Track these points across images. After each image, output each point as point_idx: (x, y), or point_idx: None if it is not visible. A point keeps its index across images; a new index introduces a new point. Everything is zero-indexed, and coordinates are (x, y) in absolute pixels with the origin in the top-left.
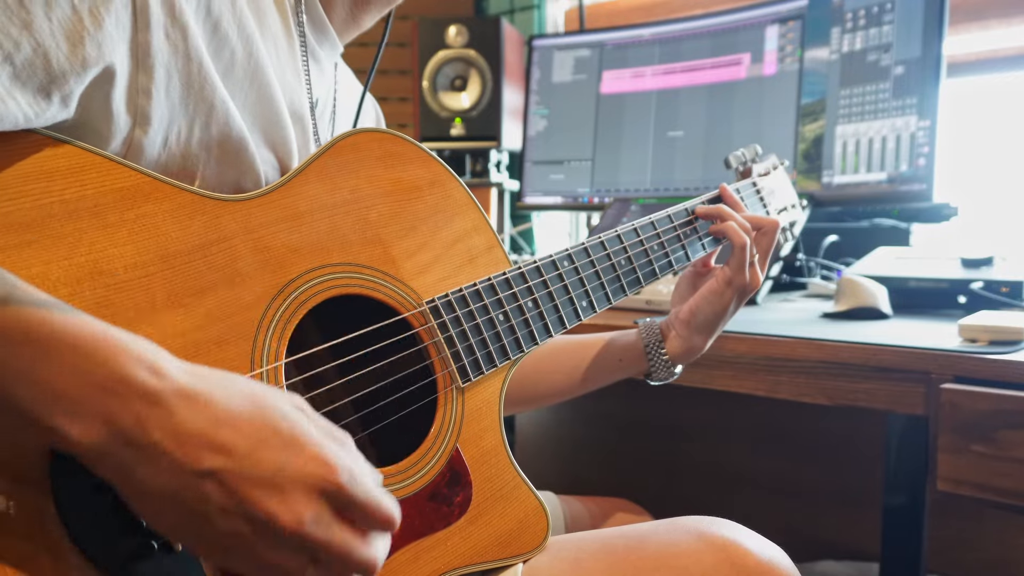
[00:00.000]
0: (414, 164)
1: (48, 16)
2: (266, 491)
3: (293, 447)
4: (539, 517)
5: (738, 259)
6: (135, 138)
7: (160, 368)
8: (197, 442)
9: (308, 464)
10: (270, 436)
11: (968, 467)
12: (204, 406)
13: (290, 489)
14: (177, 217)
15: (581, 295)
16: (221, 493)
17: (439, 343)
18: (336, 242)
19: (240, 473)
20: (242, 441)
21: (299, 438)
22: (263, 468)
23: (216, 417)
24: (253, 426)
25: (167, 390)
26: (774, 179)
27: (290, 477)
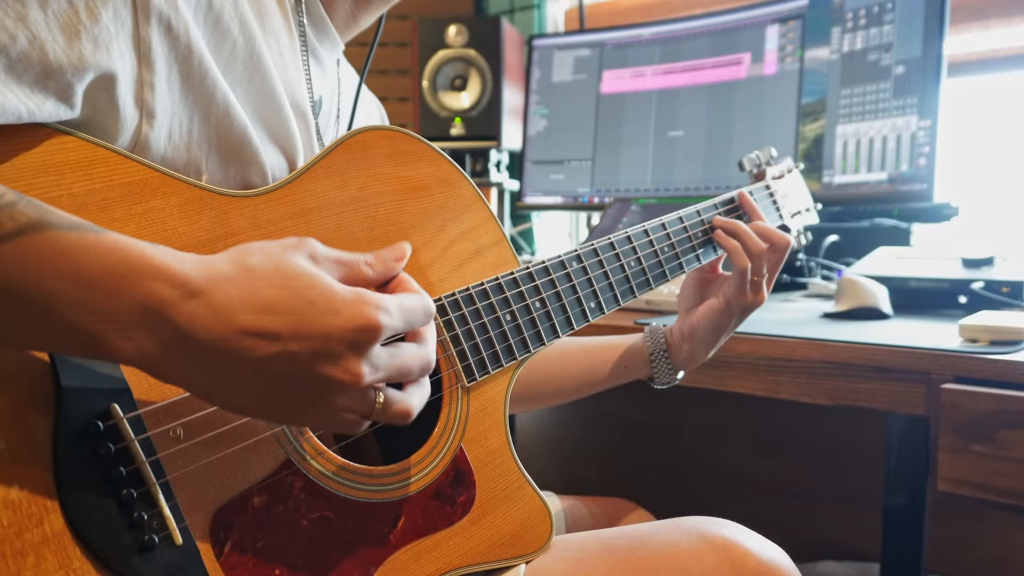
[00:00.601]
0: (423, 162)
1: (44, 9)
2: (320, 360)
3: (330, 313)
4: (543, 518)
5: (737, 282)
6: (143, 133)
7: (186, 278)
8: (246, 336)
9: (348, 323)
10: (307, 308)
11: (969, 467)
12: (238, 301)
13: (340, 351)
14: (185, 212)
15: (589, 296)
16: (282, 372)
17: (445, 341)
18: (344, 239)
19: (293, 352)
20: (284, 323)
21: (332, 302)
22: (311, 341)
23: (253, 307)
24: (288, 303)
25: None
26: (788, 183)
27: (337, 341)
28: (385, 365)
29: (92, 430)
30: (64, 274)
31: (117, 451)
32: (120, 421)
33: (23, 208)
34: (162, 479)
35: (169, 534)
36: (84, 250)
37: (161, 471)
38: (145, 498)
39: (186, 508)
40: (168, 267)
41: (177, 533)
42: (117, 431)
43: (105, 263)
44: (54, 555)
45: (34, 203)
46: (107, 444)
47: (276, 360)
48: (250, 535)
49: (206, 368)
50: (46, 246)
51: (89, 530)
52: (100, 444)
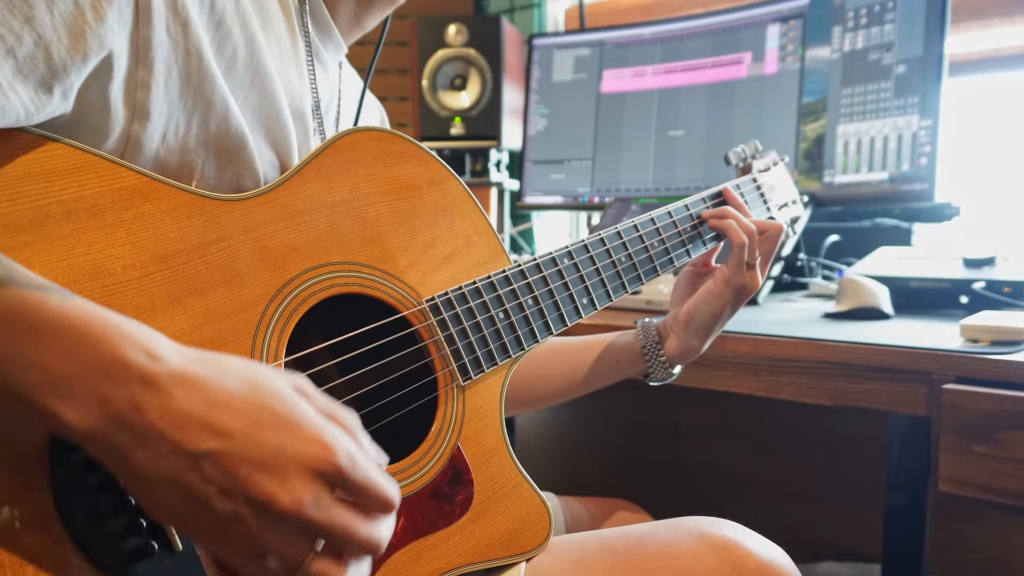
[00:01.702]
0: (413, 163)
1: (50, 9)
2: (265, 473)
3: (291, 428)
4: (541, 515)
5: (736, 258)
6: (133, 133)
7: (155, 351)
8: (194, 424)
9: (306, 446)
10: (267, 417)
11: (970, 468)
12: (201, 388)
13: (289, 470)
14: (175, 217)
15: (582, 292)
16: (220, 475)
17: (439, 341)
18: (335, 241)
19: (238, 455)
20: (239, 423)
21: (297, 420)
22: (262, 450)
23: (213, 399)
24: (251, 407)
25: (163, 372)
26: (774, 175)
27: (289, 458)
28: (330, 513)
29: None
30: (20, 332)
31: None
32: None
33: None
34: None
35: (168, 541)
36: (47, 310)
37: None
38: None
39: None
40: (137, 337)
41: (177, 539)
42: None
43: (68, 323)
44: (53, 563)
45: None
46: None
47: (215, 458)
48: None
49: (145, 452)
50: (5, 303)
51: (88, 537)
52: None
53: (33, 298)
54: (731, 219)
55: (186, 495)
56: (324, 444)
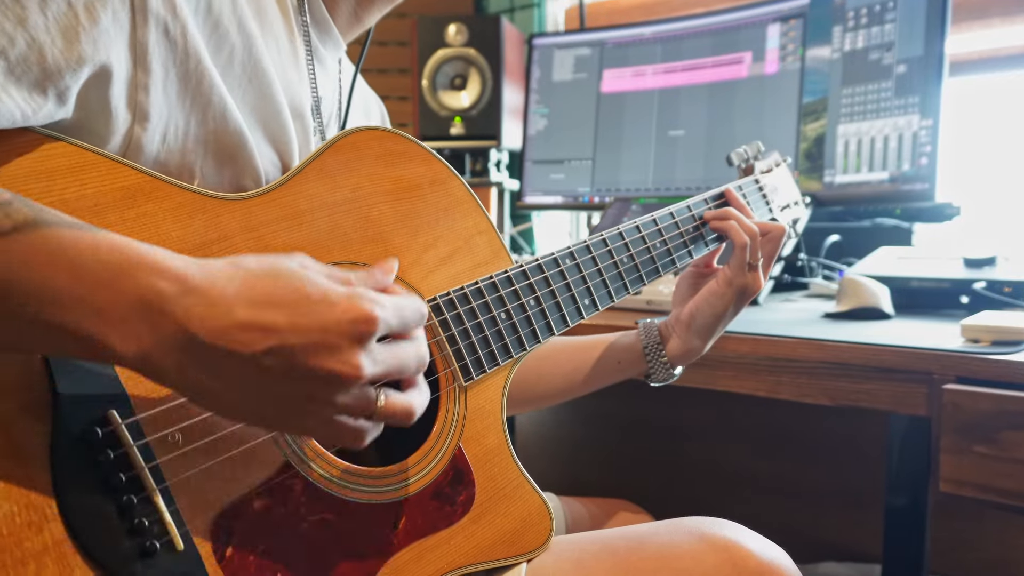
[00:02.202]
0: (415, 162)
1: (43, 11)
2: (320, 353)
3: (326, 304)
4: (542, 516)
5: (738, 258)
6: (135, 135)
7: (183, 274)
8: (241, 329)
9: (345, 315)
10: (303, 302)
11: (970, 468)
12: (235, 295)
13: (339, 343)
14: (177, 216)
15: (584, 292)
16: (281, 366)
17: (440, 341)
18: (337, 241)
19: (291, 344)
20: (282, 316)
21: (327, 295)
22: (310, 334)
23: (250, 301)
24: (284, 297)
25: (196, 291)
26: (776, 176)
27: (335, 333)
28: (383, 360)
29: (90, 437)
30: (60, 271)
31: (116, 457)
32: (118, 427)
33: (18, 206)
34: (162, 484)
35: (170, 540)
36: (80, 247)
37: (160, 477)
38: (145, 504)
39: (186, 513)
40: (165, 263)
41: (178, 538)
42: (115, 437)
43: (102, 259)
44: (55, 563)
45: (29, 203)
46: (105, 451)
47: (274, 353)
48: (251, 539)
49: (204, 365)
50: (42, 243)
51: (89, 537)
52: (98, 451)
53: (67, 236)
54: (733, 220)
55: (255, 392)
56: (357, 309)
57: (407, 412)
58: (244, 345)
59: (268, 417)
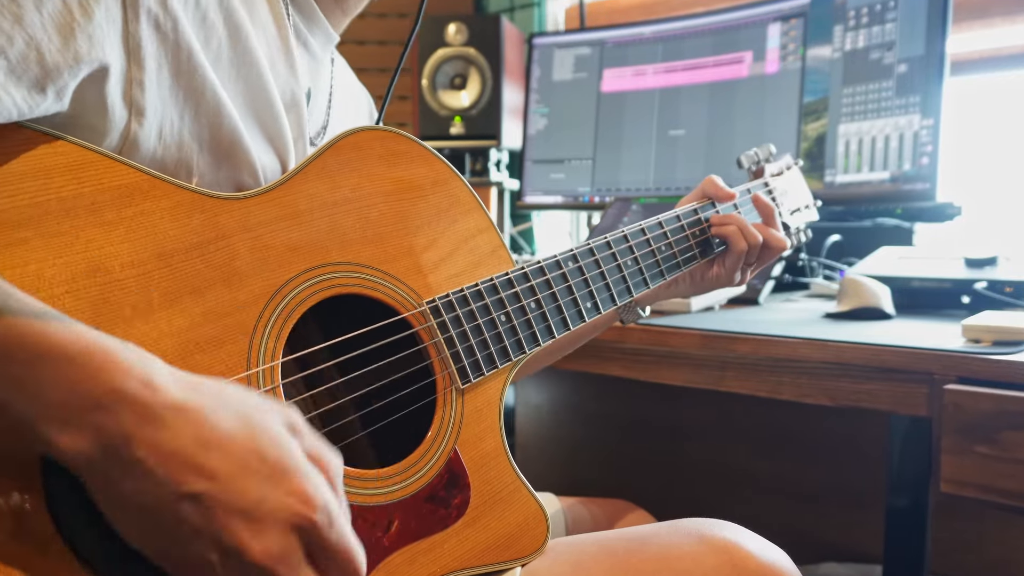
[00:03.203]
0: (417, 163)
1: (39, 10)
2: (242, 521)
3: (276, 477)
4: (538, 521)
5: (733, 262)
6: (131, 131)
7: (152, 380)
8: (182, 463)
9: (287, 498)
10: (256, 463)
11: (971, 468)
12: (194, 424)
13: (266, 522)
14: (175, 215)
15: (585, 296)
16: (198, 516)
17: (439, 343)
18: (336, 241)
19: (220, 500)
20: (226, 465)
21: (285, 468)
22: (244, 497)
23: (205, 437)
24: (241, 450)
25: (158, 404)
26: (787, 179)
27: (268, 510)
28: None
29: None
30: (15, 359)
31: None
32: None
33: None
34: None
35: None
36: (44, 338)
37: None
38: None
39: None
40: (133, 367)
41: None
42: None
43: (64, 352)
44: (43, 561)
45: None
46: None
47: (197, 500)
48: None
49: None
50: (4, 333)
51: (79, 536)
52: None
53: (31, 328)
54: (733, 225)
55: (162, 530)
56: (306, 498)
57: None
58: (174, 481)
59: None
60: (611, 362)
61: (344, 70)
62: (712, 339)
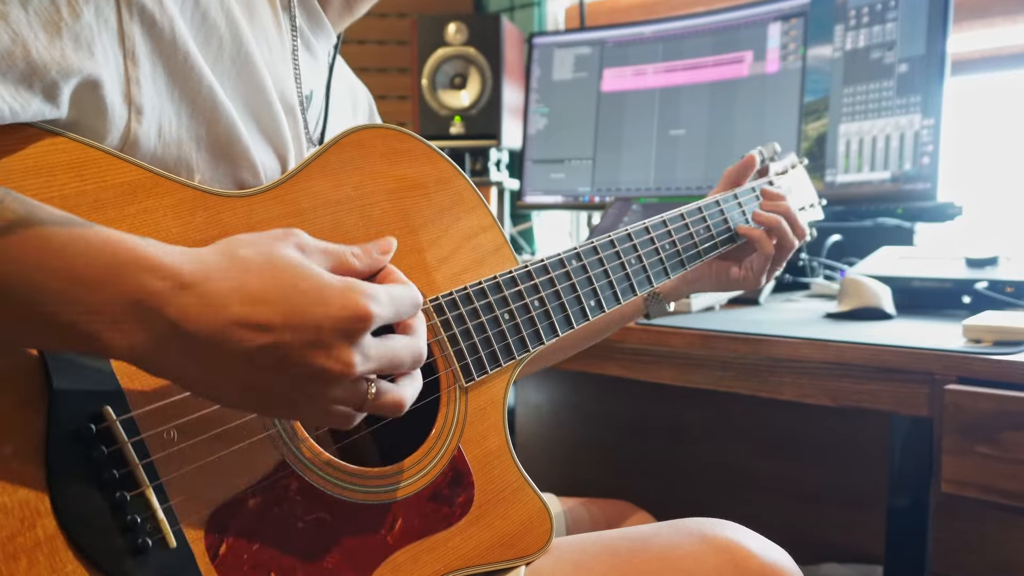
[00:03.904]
0: (420, 161)
1: (24, 7)
2: (312, 350)
3: (320, 302)
4: (542, 519)
5: (760, 265)
6: (132, 130)
7: (176, 270)
8: (236, 326)
9: (339, 312)
10: (297, 298)
11: (972, 469)
12: (228, 292)
13: (331, 341)
14: (178, 213)
15: (589, 294)
16: (274, 362)
17: (442, 341)
18: (339, 239)
19: (285, 342)
20: (275, 313)
21: (322, 291)
22: (303, 332)
23: (244, 298)
24: (278, 293)
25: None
26: (792, 178)
27: (328, 331)
28: (376, 355)
29: (84, 433)
30: (52, 269)
31: (110, 454)
32: (113, 424)
33: (10, 204)
34: (156, 482)
35: (163, 537)
36: (72, 245)
37: (155, 474)
38: (138, 501)
39: (180, 511)
40: (158, 259)
41: (171, 536)
42: (110, 433)
43: (94, 257)
44: (47, 559)
45: (21, 199)
46: (100, 447)
47: (268, 351)
48: (245, 538)
49: (199, 360)
50: (33, 241)
51: (82, 533)
52: (92, 447)
53: (57, 235)
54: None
55: (250, 387)
56: (351, 306)
57: (397, 405)
58: (238, 342)
59: (262, 407)
60: (611, 362)
61: (343, 69)
62: (712, 339)
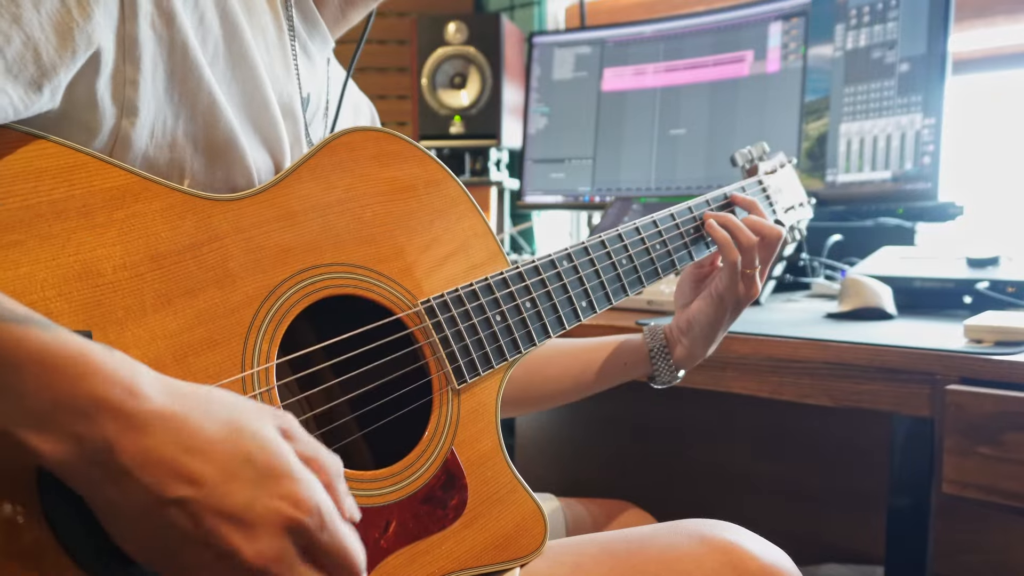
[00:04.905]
0: (410, 163)
1: (37, 9)
2: (233, 525)
3: (265, 481)
4: (536, 521)
5: (728, 275)
6: (122, 129)
7: (136, 388)
8: (167, 469)
9: (278, 501)
10: (242, 467)
11: (974, 469)
12: (179, 430)
13: (258, 525)
14: (167, 217)
15: (580, 295)
16: (187, 522)
17: (434, 343)
18: (330, 242)
19: (207, 504)
20: (212, 471)
21: (274, 470)
22: (231, 501)
23: (188, 444)
24: (227, 455)
25: (142, 411)
26: (781, 177)
27: (259, 513)
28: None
29: None
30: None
31: None
32: None
33: None
34: None
35: None
36: (26, 344)
37: None
38: None
39: None
40: (116, 373)
41: None
42: None
43: (46, 360)
44: (38, 564)
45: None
46: None
47: (184, 505)
48: None
49: (115, 487)
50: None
51: (73, 538)
52: None
53: (13, 332)
54: (729, 232)
55: (153, 536)
56: (297, 499)
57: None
58: (158, 485)
59: (154, 563)
60: None
61: (339, 73)
62: None
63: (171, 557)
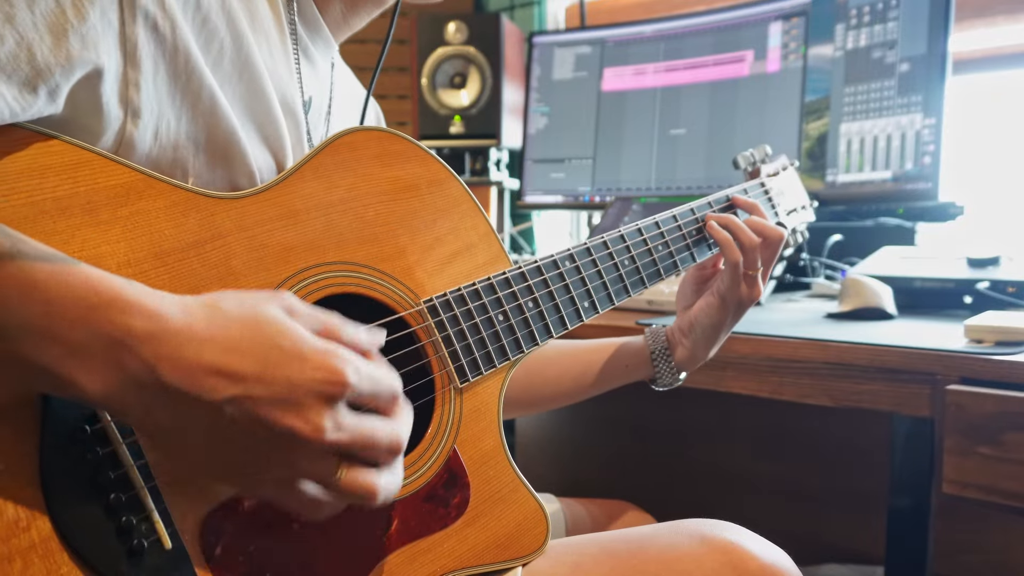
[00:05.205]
0: (412, 163)
1: (31, 9)
2: (283, 408)
3: (297, 359)
4: (538, 520)
5: (730, 276)
6: (127, 132)
7: (162, 311)
8: (208, 374)
9: (314, 373)
10: (274, 353)
11: (974, 469)
12: (207, 339)
13: (304, 401)
14: (171, 215)
15: (583, 295)
16: (242, 416)
17: (436, 342)
18: (332, 241)
19: (255, 396)
20: (250, 364)
21: (301, 349)
22: (275, 387)
23: (222, 346)
24: (256, 346)
25: (170, 330)
26: (783, 180)
27: (302, 390)
28: (350, 428)
29: (79, 434)
30: (32, 304)
31: (104, 455)
32: (107, 425)
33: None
34: (150, 483)
35: (158, 538)
36: (55, 281)
37: (149, 475)
38: (133, 502)
39: (175, 512)
40: (140, 301)
41: (166, 537)
42: (104, 435)
43: (76, 294)
44: (41, 561)
45: (7, 232)
46: (94, 448)
47: (237, 402)
48: (241, 539)
49: (168, 407)
50: (16, 276)
51: (77, 535)
52: (87, 448)
53: (40, 270)
54: (731, 232)
55: (212, 440)
56: (329, 368)
57: (369, 492)
58: (208, 391)
59: (228, 470)
60: None
61: (346, 77)
62: None
63: (235, 456)
